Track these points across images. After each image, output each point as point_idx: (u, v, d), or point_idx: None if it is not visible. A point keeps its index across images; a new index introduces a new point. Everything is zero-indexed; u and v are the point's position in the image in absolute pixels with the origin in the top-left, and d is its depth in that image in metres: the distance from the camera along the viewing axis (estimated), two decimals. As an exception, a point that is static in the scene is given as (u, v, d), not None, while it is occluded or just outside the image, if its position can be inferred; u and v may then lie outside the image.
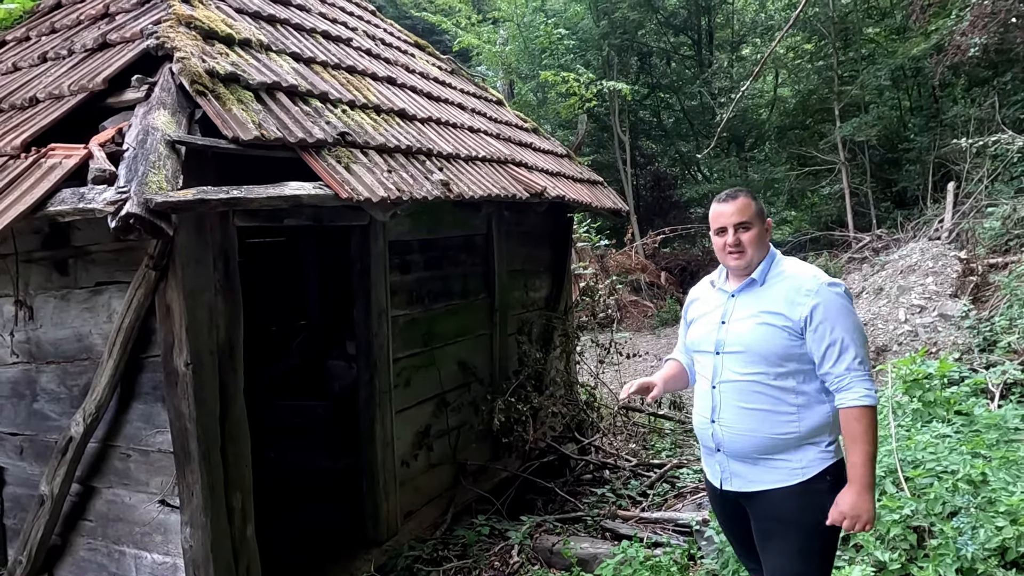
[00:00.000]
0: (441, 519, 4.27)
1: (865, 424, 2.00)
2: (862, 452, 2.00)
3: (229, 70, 2.78)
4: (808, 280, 2.11)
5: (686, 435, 6.09)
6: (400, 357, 4.01)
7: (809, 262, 8.74)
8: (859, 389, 2.01)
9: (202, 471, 2.70)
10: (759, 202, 2.25)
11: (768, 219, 2.26)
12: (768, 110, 18.57)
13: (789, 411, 2.08)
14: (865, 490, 2.01)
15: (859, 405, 2.00)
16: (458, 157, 3.91)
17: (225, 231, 2.81)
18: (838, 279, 2.17)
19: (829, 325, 2.03)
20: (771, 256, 2.23)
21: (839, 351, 2.02)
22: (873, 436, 2.01)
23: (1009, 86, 10.76)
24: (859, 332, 2.06)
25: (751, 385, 2.11)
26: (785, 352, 2.07)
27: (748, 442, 2.13)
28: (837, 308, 2.06)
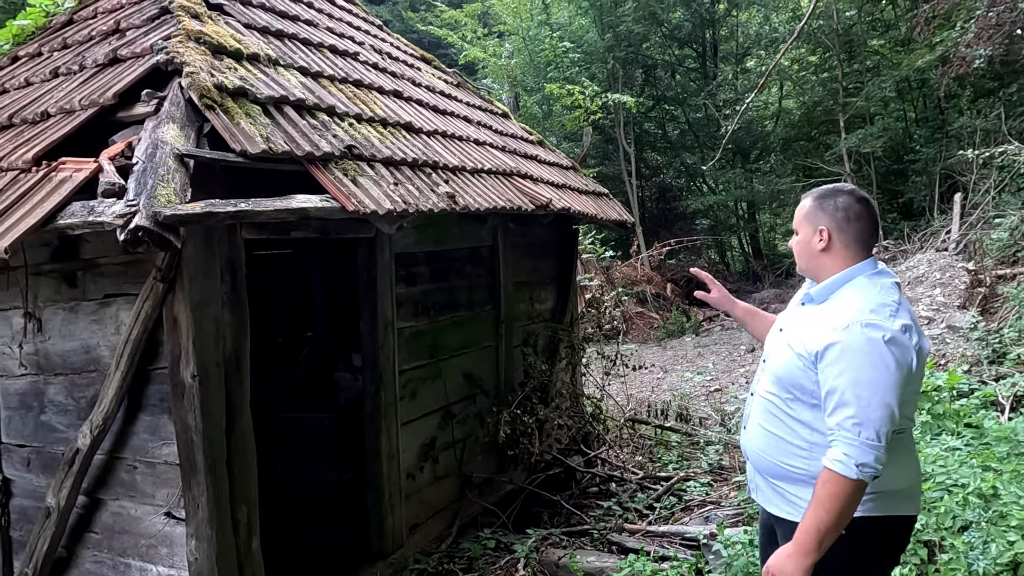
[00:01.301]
0: (447, 532, 4.25)
1: (828, 490, 1.74)
2: (812, 515, 1.77)
3: (237, 84, 2.81)
4: (851, 311, 1.80)
5: (693, 448, 6.05)
6: (406, 369, 4.01)
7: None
8: (837, 451, 1.74)
9: (208, 483, 2.70)
10: (821, 204, 1.94)
11: (821, 228, 1.92)
12: (773, 122, 18.60)
13: (800, 445, 1.89)
14: (798, 555, 1.78)
15: (828, 467, 1.75)
16: (464, 170, 3.93)
17: (232, 243, 2.83)
18: (888, 323, 1.76)
19: (837, 369, 1.75)
20: (846, 276, 1.90)
21: (836, 402, 1.75)
22: (834, 507, 1.73)
23: (1015, 97, 10.75)
24: (870, 390, 1.71)
25: (769, 405, 1.98)
26: (798, 381, 1.87)
27: (762, 462, 2.02)
28: (854, 353, 1.74)
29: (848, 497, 1.73)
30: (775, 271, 16.43)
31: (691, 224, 19.11)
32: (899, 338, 1.75)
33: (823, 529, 1.75)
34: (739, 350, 11.08)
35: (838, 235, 1.92)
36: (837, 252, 1.91)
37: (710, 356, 10.93)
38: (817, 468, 1.82)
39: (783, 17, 17.27)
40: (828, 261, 1.93)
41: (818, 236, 1.93)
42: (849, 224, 1.91)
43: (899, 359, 1.74)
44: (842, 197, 1.94)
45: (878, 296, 1.83)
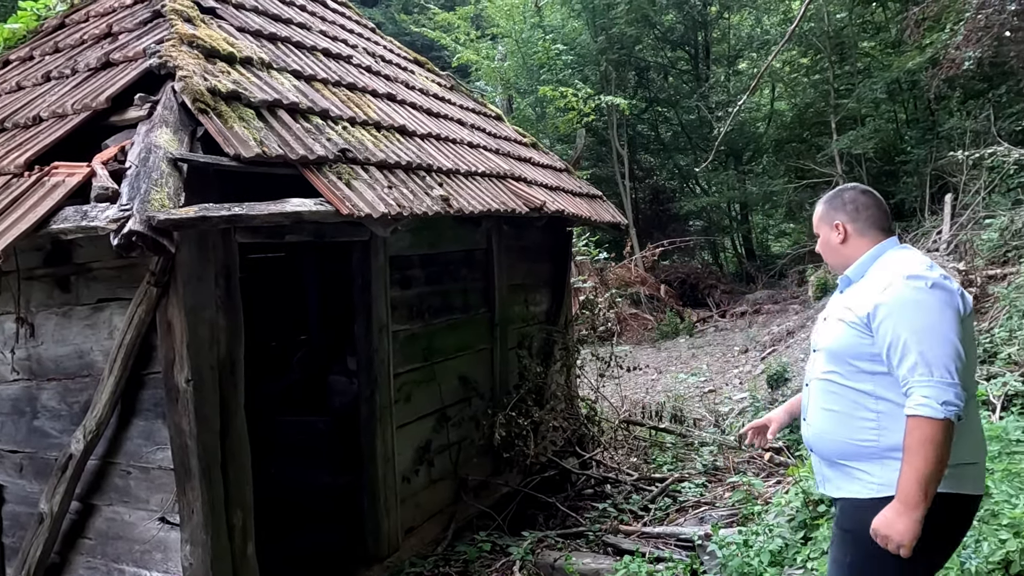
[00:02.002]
0: (442, 535, 4.25)
1: (918, 437, 1.74)
2: (909, 468, 1.76)
3: (231, 88, 2.81)
4: (891, 273, 1.90)
5: (687, 449, 6.07)
6: (401, 372, 4.01)
7: (807, 274, 8.70)
8: (916, 396, 1.76)
9: (202, 488, 2.69)
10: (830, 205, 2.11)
11: (837, 223, 2.07)
12: (765, 124, 18.67)
13: (868, 416, 1.89)
14: (906, 510, 1.76)
15: (912, 415, 1.76)
16: (458, 172, 3.93)
17: (227, 247, 2.83)
18: (927, 272, 1.86)
19: (892, 322, 1.82)
20: (876, 252, 2.02)
21: (901, 352, 1.79)
22: (929, 453, 1.73)
23: (1004, 99, 10.82)
24: (930, 331, 1.78)
25: (828, 385, 1.99)
26: (854, 350, 1.91)
27: (827, 445, 2.00)
28: (904, 303, 1.82)
29: (940, 439, 1.73)
30: (768, 272, 16.49)
31: (684, 225, 19.16)
32: (941, 283, 1.85)
33: (923, 477, 1.74)
34: (733, 351, 11.11)
35: (852, 225, 2.06)
36: (855, 240, 2.05)
37: (704, 357, 10.97)
38: (888, 439, 1.85)
39: (774, 19, 17.35)
40: (851, 251, 2.06)
41: (835, 231, 2.08)
42: (859, 213, 2.06)
43: (947, 301, 1.83)
44: (848, 192, 2.12)
45: (912, 257, 1.97)
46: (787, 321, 11.13)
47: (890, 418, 1.86)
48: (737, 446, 5.83)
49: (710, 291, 15.56)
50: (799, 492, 3.66)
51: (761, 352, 10.28)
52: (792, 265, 14.78)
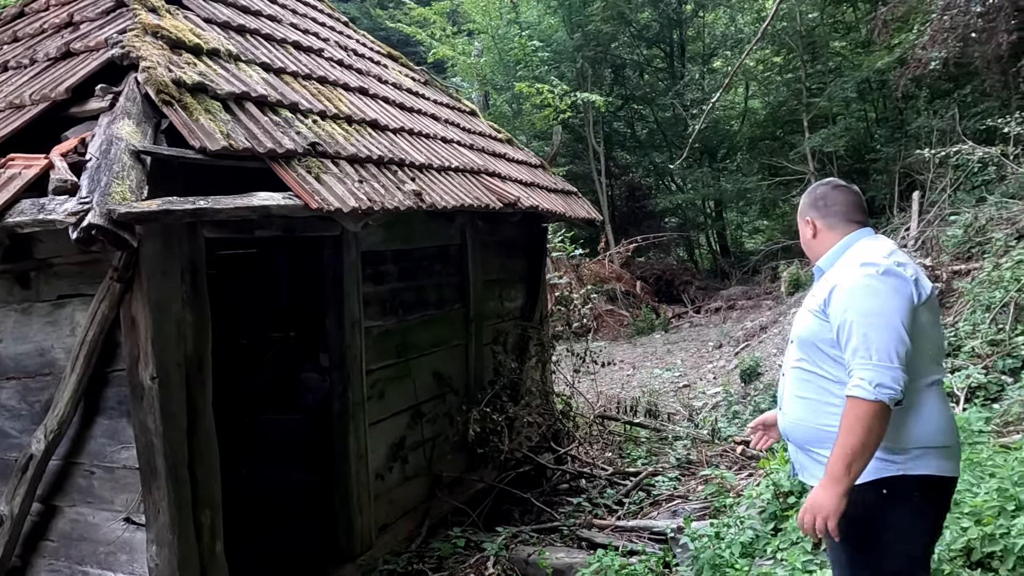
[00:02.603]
0: (416, 532, 4.23)
1: (850, 416, 1.79)
2: (838, 444, 1.81)
3: (196, 80, 2.76)
4: (849, 261, 1.97)
5: (661, 443, 6.12)
6: (374, 369, 3.98)
7: (780, 270, 8.79)
8: (854, 377, 1.80)
9: (169, 487, 2.64)
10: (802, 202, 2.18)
11: (806, 219, 2.14)
12: (739, 122, 18.87)
13: (834, 403, 1.91)
14: (829, 483, 1.82)
15: (848, 394, 1.81)
16: (431, 167, 3.91)
17: (193, 242, 2.78)
18: (881, 261, 1.90)
19: (842, 306, 1.87)
20: (846, 243, 2.06)
21: (847, 335, 1.84)
22: (859, 432, 1.77)
23: (969, 98, 11.07)
24: (876, 315, 1.82)
25: (799, 372, 2.04)
26: (818, 336, 1.96)
27: (801, 432, 2.03)
28: (854, 288, 1.87)
29: (870, 420, 1.77)
30: (742, 268, 16.69)
31: (660, 222, 19.29)
32: (892, 270, 1.88)
33: (850, 454, 1.79)
34: (707, 346, 11.23)
35: (822, 221, 2.12)
36: (824, 234, 2.11)
37: (679, 353, 11.07)
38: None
39: (748, 18, 17.54)
40: (820, 244, 2.12)
41: (807, 226, 2.15)
42: (828, 208, 2.11)
43: (895, 285, 1.87)
44: (820, 188, 2.17)
45: (875, 246, 2.01)
46: (760, 317, 11.28)
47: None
48: (710, 440, 5.90)
49: (685, 287, 15.70)
50: (769, 484, 3.71)
51: (735, 347, 10.40)
52: (765, 261, 14.98)
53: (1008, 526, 2.64)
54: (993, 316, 5.76)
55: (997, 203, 7.79)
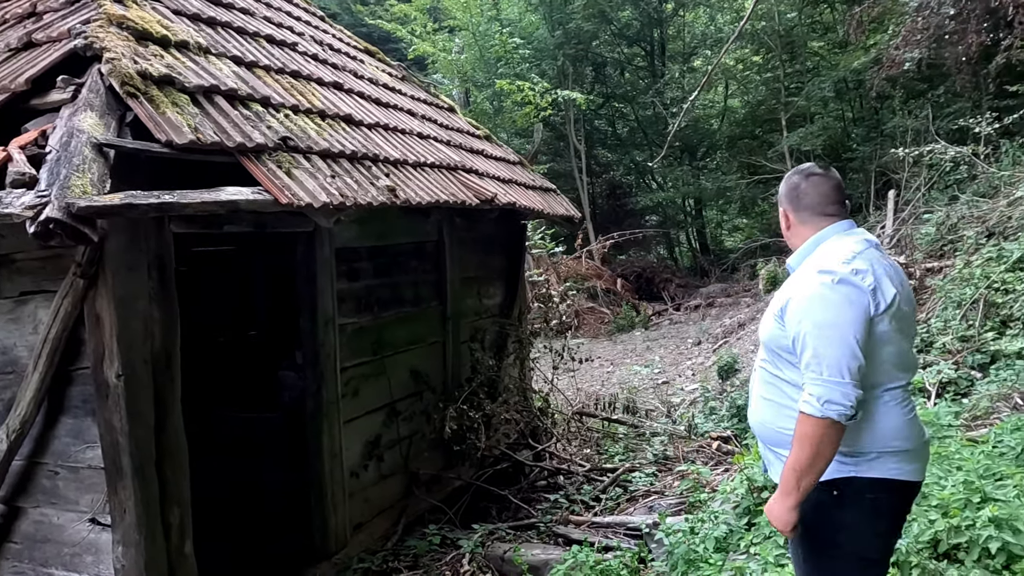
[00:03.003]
0: (392, 530, 4.21)
1: (799, 431, 1.78)
2: (790, 458, 1.81)
3: (163, 72, 2.70)
4: (808, 267, 1.91)
5: (639, 439, 6.15)
6: (348, 366, 3.95)
7: (758, 268, 8.87)
8: (805, 392, 1.79)
9: (135, 487, 2.60)
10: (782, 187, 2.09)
11: (781, 210, 2.08)
12: (719, 120, 19.00)
13: (792, 405, 1.89)
14: (780, 496, 1.84)
15: (800, 410, 1.79)
16: (406, 163, 3.88)
17: (160, 237, 2.73)
18: (838, 268, 1.83)
19: (797, 316, 1.83)
20: (815, 241, 1.98)
21: (801, 346, 1.81)
22: (807, 447, 1.76)
23: (942, 99, 11.25)
24: (828, 328, 1.77)
25: (763, 373, 2.03)
26: (776, 341, 1.93)
27: (765, 432, 2.03)
28: (809, 298, 1.82)
29: (819, 436, 1.75)
30: (721, 266, 16.82)
31: (641, 220, 19.38)
32: (847, 279, 1.81)
33: (798, 469, 1.78)
34: (686, 343, 11.31)
35: (794, 213, 2.05)
36: (797, 228, 2.04)
37: (658, 350, 11.13)
38: None
39: (727, 18, 17.66)
40: (794, 238, 2.05)
41: (783, 217, 2.08)
42: (799, 200, 2.03)
43: (850, 296, 1.79)
44: (794, 177, 2.08)
45: (840, 248, 1.91)
46: (739, 314, 11.38)
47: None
48: (687, 436, 5.94)
49: (665, 285, 15.79)
50: (744, 479, 3.73)
51: (713, 344, 10.48)
52: (744, 259, 15.11)
53: (973, 518, 2.68)
54: (964, 312, 5.86)
55: (968, 202, 7.93)
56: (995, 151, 8.71)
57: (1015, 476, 2.98)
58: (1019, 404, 4.32)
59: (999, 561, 2.55)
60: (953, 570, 2.61)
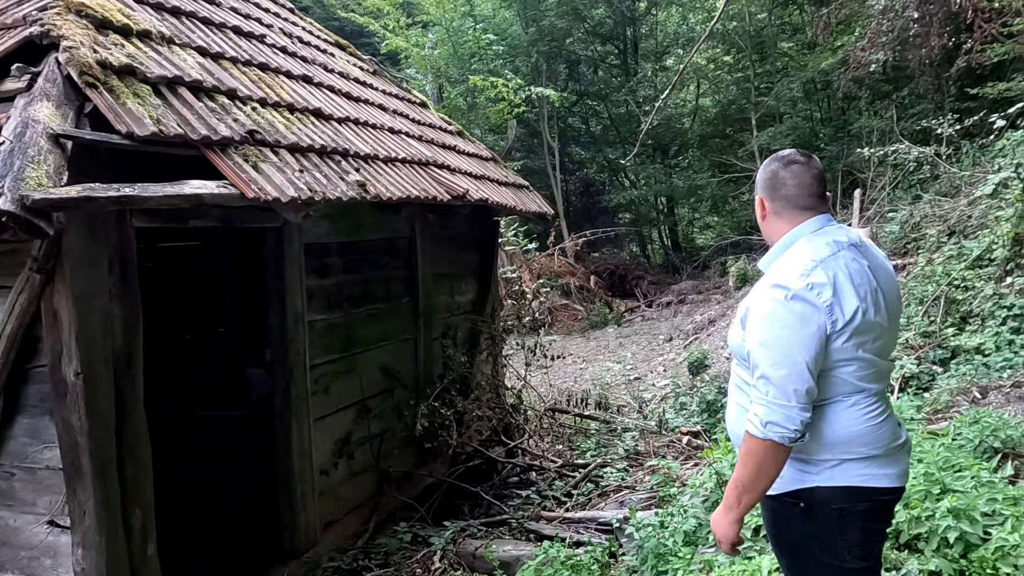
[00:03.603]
0: (363, 528, 4.17)
1: (743, 448, 1.75)
2: (734, 473, 1.78)
3: (124, 62, 2.63)
4: (771, 276, 1.80)
5: (611, 435, 6.19)
6: (318, 363, 3.90)
7: (728, 265, 8.98)
8: (750, 411, 1.74)
9: (95, 488, 2.53)
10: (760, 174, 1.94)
11: (758, 198, 1.93)
12: (690, 119, 19.21)
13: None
14: (723, 511, 1.81)
15: (745, 428, 1.74)
16: (376, 158, 3.84)
17: (121, 232, 2.66)
18: (793, 283, 1.72)
19: (750, 332, 1.77)
20: (785, 242, 1.86)
21: (752, 364, 1.75)
22: (747, 464, 1.73)
23: (906, 100, 11.52)
24: (777, 348, 1.69)
25: (736, 379, 1.96)
26: (740, 350, 1.86)
27: (736, 438, 1.95)
28: (761, 314, 1.74)
29: (760, 456, 1.70)
30: (692, 263, 17.02)
31: (614, 218, 19.52)
32: (802, 294, 1.70)
33: (739, 485, 1.75)
34: (658, 340, 11.41)
35: (770, 204, 1.90)
36: (772, 220, 1.91)
37: (631, 346, 11.22)
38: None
39: (699, 17, 17.85)
40: (770, 229, 1.92)
41: (759, 205, 1.93)
42: (776, 191, 1.89)
43: (803, 315, 1.69)
44: (772, 165, 1.92)
45: (802, 256, 1.79)
46: (710, 310, 11.52)
47: None
48: (658, 431, 5.99)
49: (638, 282, 15.93)
50: (713, 473, 3.78)
51: (684, 340, 10.60)
52: (715, 256, 15.31)
53: (933, 509, 2.75)
54: (926, 309, 6.01)
55: (931, 201, 8.13)
56: (956, 152, 8.95)
57: (973, 468, 3.06)
58: (977, 398, 4.44)
59: (956, 550, 2.62)
60: (913, 560, 2.67)
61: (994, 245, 5.97)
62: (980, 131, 8.16)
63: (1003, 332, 5.14)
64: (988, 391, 4.43)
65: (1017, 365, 4.71)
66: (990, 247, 6.02)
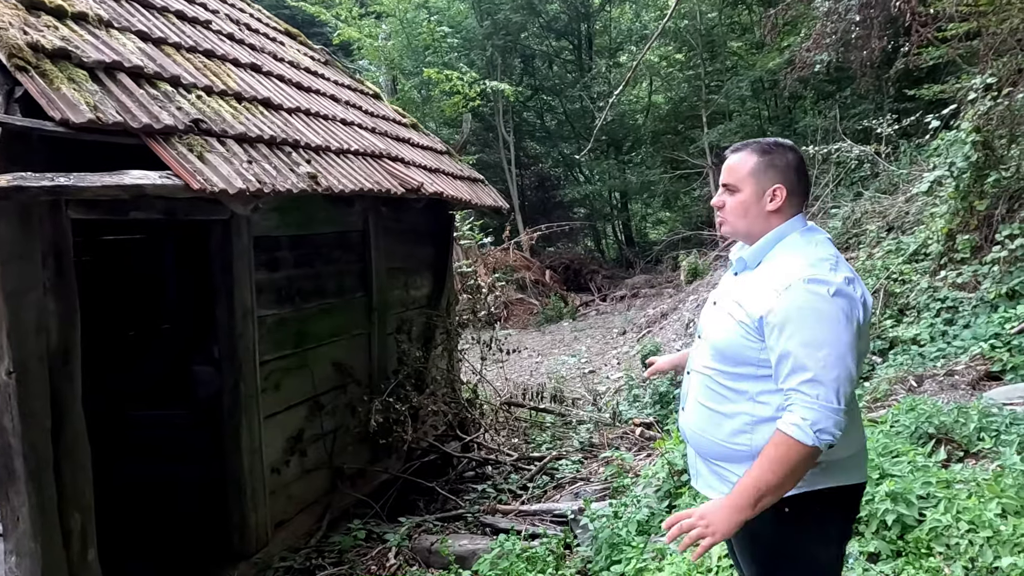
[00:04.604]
0: (316, 526, 4.10)
1: (779, 454, 1.59)
2: (755, 474, 1.62)
3: (58, 45, 2.51)
4: (791, 271, 1.66)
5: (566, 427, 6.24)
6: (268, 359, 3.81)
7: (679, 260, 9.12)
8: (794, 415, 1.59)
9: (30, 492, 2.42)
10: (770, 160, 1.74)
11: (776, 187, 1.73)
12: (643, 115, 19.48)
13: (744, 419, 1.74)
14: (733, 510, 1.62)
15: (782, 430, 1.60)
16: (328, 150, 3.77)
17: (56, 224, 2.54)
18: (831, 277, 1.62)
19: (788, 332, 1.61)
20: (779, 233, 1.74)
21: (790, 368, 1.60)
22: (780, 470, 1.59)
23: (849, 100, 11.94)
24: (824, 348, 1.58)
25: (708, 380, 1.81)
26: (741, 353, 1.71)
27: (702, 442, 1.84)
28: (803, 311, 1.60)
29: (798, 463, 1.59)
30: (645, 258, 17.29)
31: (569, 212, 19.66)
32: (844, 290, 1.62)
33: (763, 489, 1.61)
34: (612, 333, 11.56)
35: (788, 195, 1.74)
36: (784, 212, 1.75)
37: (585, 340, 11.33)
38: (760, 443, 1.69)
39: (652, 15, 18.09)
40: (767, 223, 1.76)
41: (770, 195, 1.74)
42: (799, 182, 1.76)
43: (847, 312, 1.61)
44: (791, 153, 1.78)
45: (815, 251, 1.70)
46: (662, 304, 11.73)
47: (765, 423, 1.71)
48: (612, 423, 6.07)
49: (592, 276, 16.10)
50: (665, 464, 3.85)
51: (638, 333, 10.77)
52: (667, 251, 15.58)
53: (873, 493, 2.86)
54: (866, 301, 6.25)
55: (871, 198, 8.45)
56: (895, 151, 9.33)
57: (909, 453, 3.20)
58: (914, 386, 4.64)
59: (894, 532, 2.73)
60: (855, 542, 2.78)
61: (929, 240, 6.24)
62: (917, 131, 8.52)
63: (937, 323, 5.38)
64: (923, 380, 4.64)
65: (950, 355, 4.95)
66: (925, 242, 6.30)
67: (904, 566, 2.60)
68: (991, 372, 4.51)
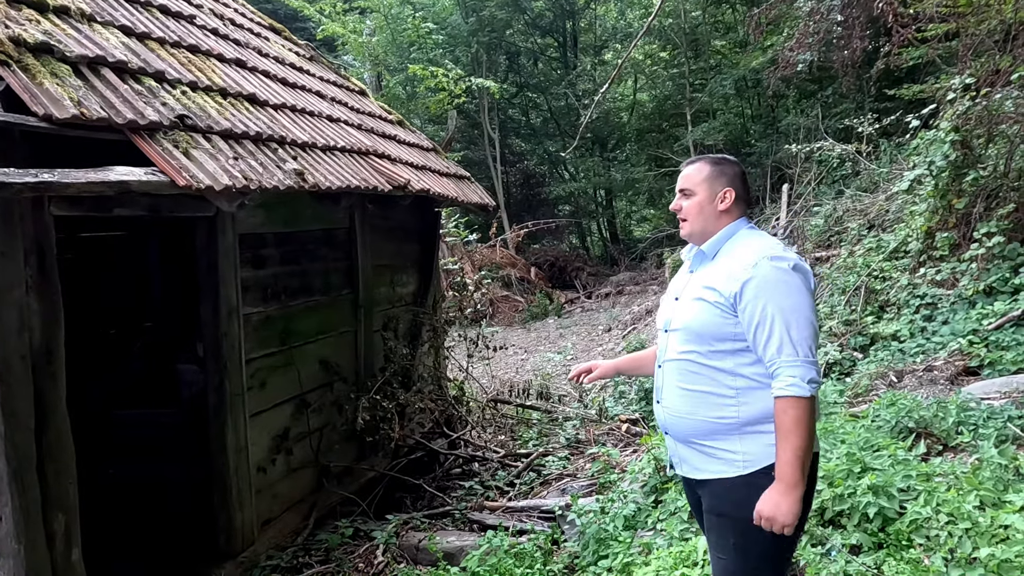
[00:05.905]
0: (303, 525, 4.09)
1: (792, 416, 1.78)
2: (789, 448, 1.78)
3: (40, 39, 2.47)
4: (753, 253, 1.90)
5: (552, 424, 6.27)
6: (254, 357, 3.79)
7: (664, 257, 9.20)
8: (784, 377, 1.79)
9: (12, 493, 2.39)
10: (720, 170, 2.04)
11: (726, 190, 2.02)
12: (628, 113, 19.55)
13: (728, 393, 1.90)
14: (789, 490, 1.80)
15: (784, 395, 1.79)
16: (314, 146, 3.75)
17: (39, 221, 2.51)
18: (793, 254, 1.92)
19: (760, 303, 1.83)
20: (731, 230, 2.01)
21: (767, 333, 1.82)
22: (804, 430, 1.78)
23: (830, 99, 12.07)
24: (796, 312, 1.82)
25: (687, 364, 1.97)
26: (718, 331, 1.90)
27: (687, 425, 1.98)
28: (771, 284, 1.84)
29: (808, 415, 1.79)
30: (630, 255, 17.37)
31: (554, 210, 19.69)
32: (800, 264, 1.90)
33: (800, 455, 1.78)
34: (597, 330, 11.61)
35: (735, 197, 2.03)
36: (733, 212, 2.03)
37: (571, 336, 11.37)
38: (747, 414, 1.88)
39: (637, 13, 18.14)
40: (719, 222, 2.02)
41: (722, 197, 2.02)
42: (744, 189, 2.06)
43: (805, 281, 1.89)
44: (736, 166, 2.10)
45: (766, 240, 1.98)
46: (646, 301, 11.80)
47: (748, 393, 1.89)
48: (598, 419, 6.11)
49: (578, 273, 16.15)
50: (651, 459, 3.89)
51: (623, 330, 10.82)
52: (652, 248, 15.68)
53: (854, 486, 2.91)
54: (847, 298, 6.33)
55: (852, 196, 8.56)
56: (876, 150, 9.45)
57: (890, 447, 3.26)
58: (894, 381, 4.72)
59: (876, 524, 2.79)
60: (837, 534, 2.82)
61: (909, 238, 6.34)
62: (897, 130, 8.65)
63: (916, 320, 5.47)
64: (904, 375, 4.71)
65: (929, 350, 5.03)
66: (905, 240, 6.39)
67: (885, 558, 2.65)
68: (969, 367, 4.60)
